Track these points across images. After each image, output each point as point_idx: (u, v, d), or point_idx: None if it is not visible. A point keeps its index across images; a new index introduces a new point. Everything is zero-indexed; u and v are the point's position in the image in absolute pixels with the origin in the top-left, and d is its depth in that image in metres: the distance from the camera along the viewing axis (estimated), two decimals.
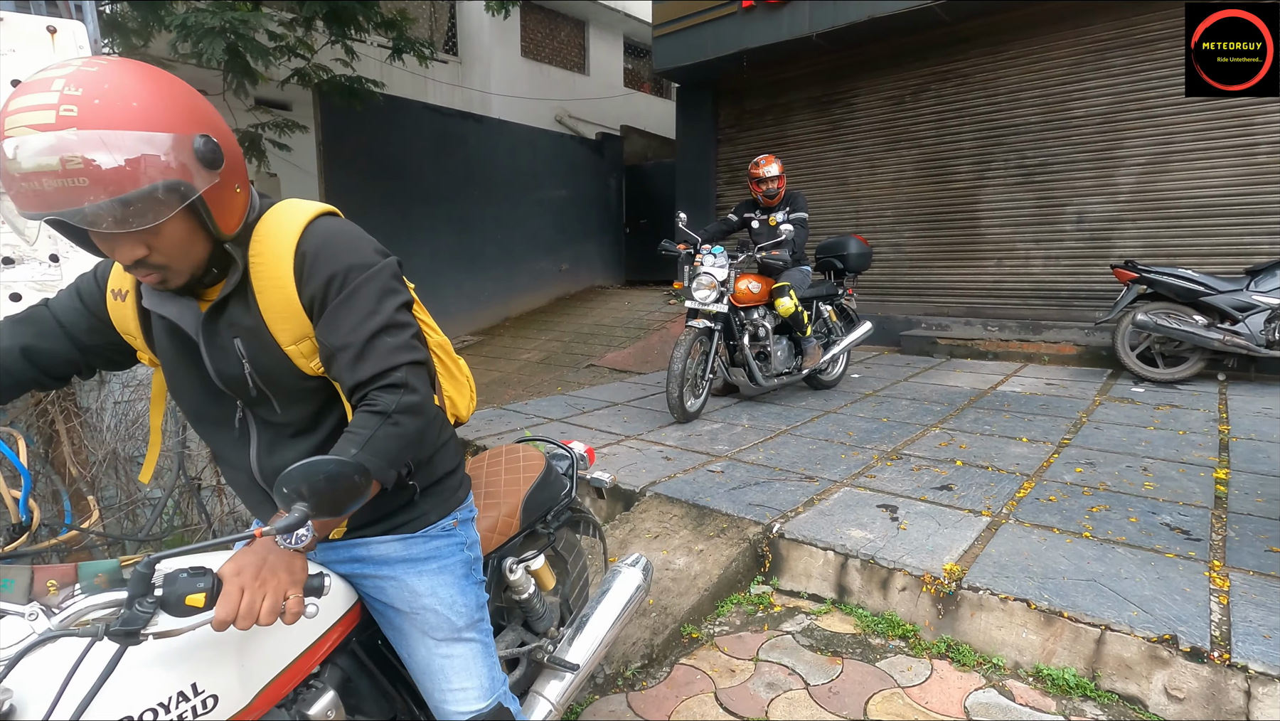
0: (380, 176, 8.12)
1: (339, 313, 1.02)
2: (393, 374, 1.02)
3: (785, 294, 4.70)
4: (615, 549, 2.87)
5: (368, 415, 1.01)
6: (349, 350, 1.01)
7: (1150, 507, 2.85)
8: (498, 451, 1.76)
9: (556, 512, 1.69)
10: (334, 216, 1.11)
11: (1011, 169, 6.80)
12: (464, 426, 4.35)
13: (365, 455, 0.96)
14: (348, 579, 1.23)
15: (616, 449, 3.94)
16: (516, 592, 1.55)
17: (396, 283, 1.09)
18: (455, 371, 1.33)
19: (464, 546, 1.29)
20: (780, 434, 4.15)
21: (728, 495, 3.12)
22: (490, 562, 1.49)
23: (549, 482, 1.67)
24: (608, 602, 1.81)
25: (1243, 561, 2.36)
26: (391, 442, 1.00)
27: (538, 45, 13.04)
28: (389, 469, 1.01)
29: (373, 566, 1.22)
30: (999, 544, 2.55)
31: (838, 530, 2.70)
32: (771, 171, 4.80)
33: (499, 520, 1.49)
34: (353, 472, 0.88)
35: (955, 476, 3.30)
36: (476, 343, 8.87)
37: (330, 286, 1.02)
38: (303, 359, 1.05)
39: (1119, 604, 2.10)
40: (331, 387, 1.09)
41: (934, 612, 2.31)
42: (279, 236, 1.03)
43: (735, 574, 2.65)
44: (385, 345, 1.02)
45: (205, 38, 4.57)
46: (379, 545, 1.21)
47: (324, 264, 1.02)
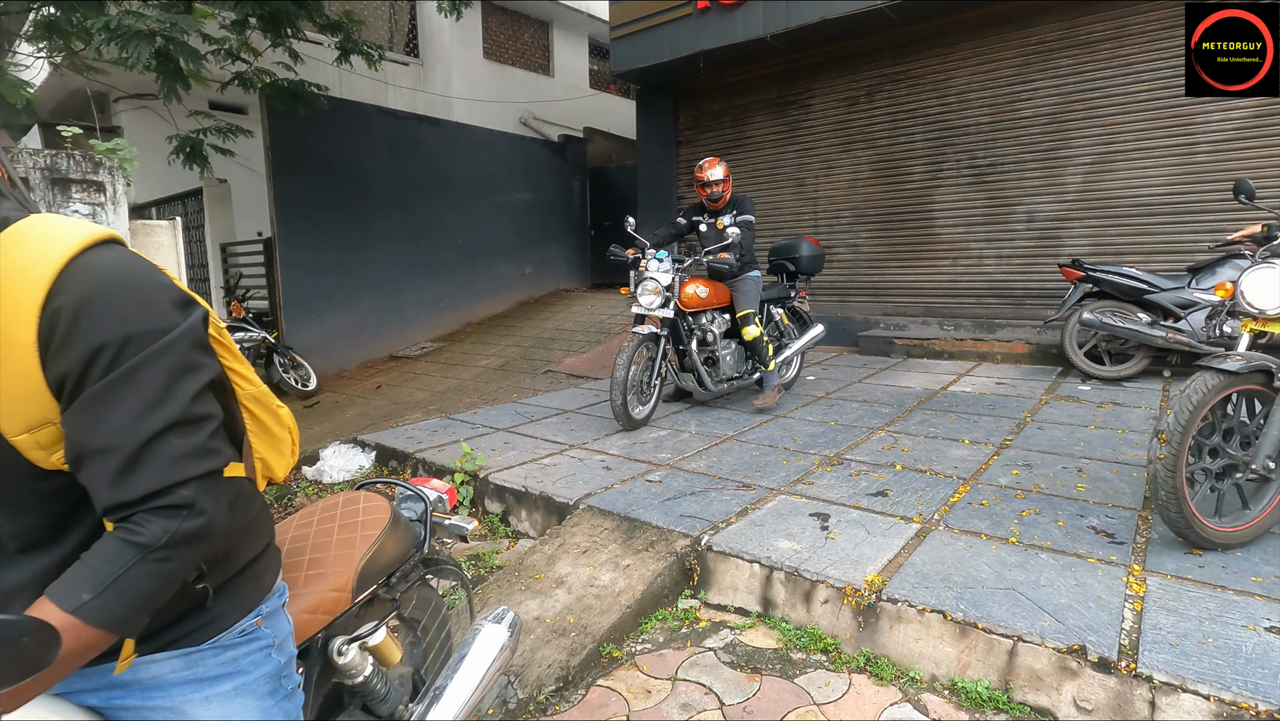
0: (333, 182, 7.96)
1: (105, 401, 0.72)
2: (175, 492, 0.75)
3: (751, 322, 4.69)
4: (543, 565, 2.80)
5: (122, 545, 0.73)
6: (113, 456, 0.73)
7: (1079, 510, 2.85)
8: (331, 503, 1.45)
9: (404, 573, 1.43)
10: (113, 248, 0.77)
11: (963, 169, 6.85)
12: (400, 438, 4.26)
13: (99, 603, 0.71)
14: (96, 712, 0.86)
15: (558, 459, 3.87)
16: (349, 677, 1.26)
17: (199, 353, 0.81)
18: (274, 426, 1.05)
19: (271, 650, 0.97)
20: (726, 440, 4.11)
21: (661, 506, 3.07)
22: (315, 646, 1.20)
23: (396, 538, 1.39)
24: (466, 670, 1.52)
25: (1162, 565, 2.35)
26: (147, 584, 0.74)
27: (500, 47, 12.93)
28: (136, 617, 0.75)
29: (138, 694, 0.87)
30: (925, 552, 2.53)
31: (766, 541, 2.66)
32: (715, 175, 4.74)
33: (323, 597, 1.18)
34: (23, 635, 0.62)
35: (893, 481, 3.28)
36: (436, 349, 8.74)
37: (95, 363, 0.72)
38: (39, 450, 0.75)
39: (1034, 613, 2.08)
40: (82, 487, 0.77)
41: (855, 625, 2.28)
42: (18, 278, 0.70)
43: (661, 589, 2.60)
44: (170, 452, 0.75)
45: (131, 41, 4.41)
46: (150, 665, 0.87)
47: (89, 328, 0.71)
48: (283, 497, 3.80)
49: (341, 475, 4.09)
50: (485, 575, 3.01)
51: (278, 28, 5.40)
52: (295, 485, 4.07)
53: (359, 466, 4.18)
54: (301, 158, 7.64)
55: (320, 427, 6.17)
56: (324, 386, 7.61)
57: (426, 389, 7.02)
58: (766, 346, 4.75)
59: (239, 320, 6.84)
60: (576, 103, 13.31)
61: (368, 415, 6.35)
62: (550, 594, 2.59)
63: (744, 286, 4.79)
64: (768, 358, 4.76)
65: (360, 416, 6.35)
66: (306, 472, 4.20)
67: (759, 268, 4.96)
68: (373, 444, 4.39)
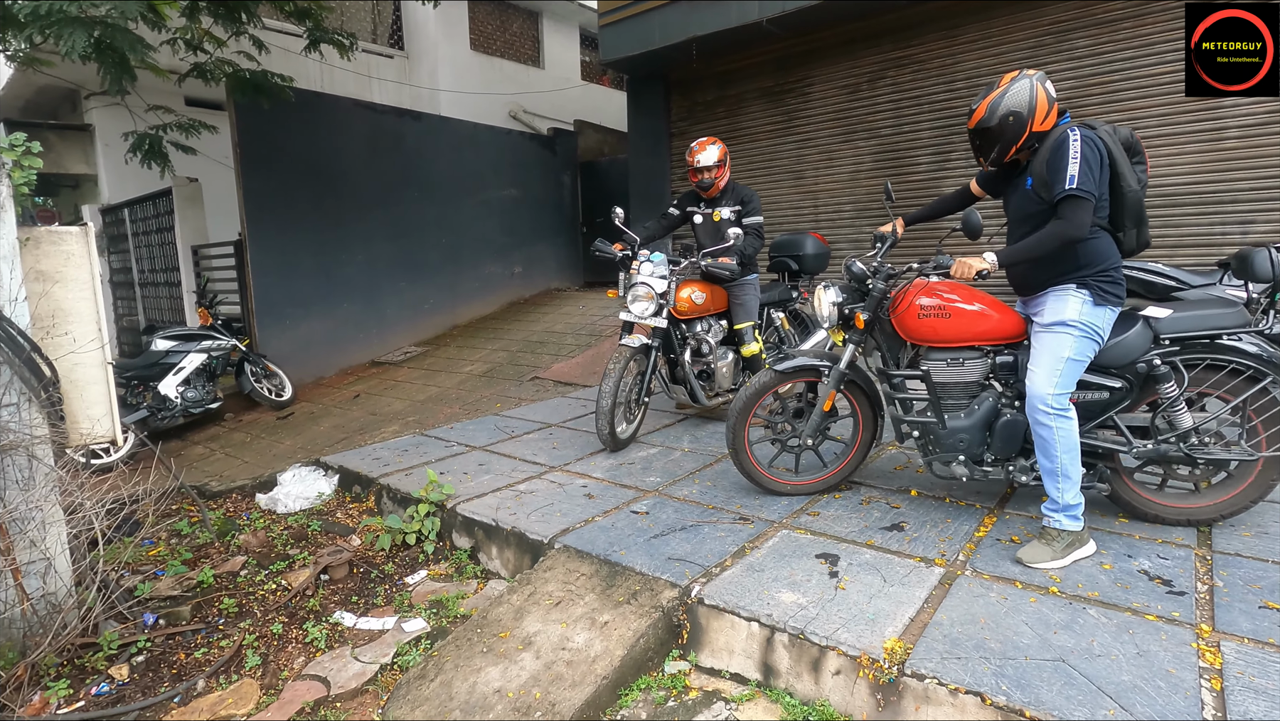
0: (308, 179, 7.55)
1: None
2: None
3: (750, 337, 4.33)
4: (509, 620, 2.43)
5: None
6: None
7: (1125, 549, 2.49)
8: None
9: None
10: None
11: (973, 159, 6.45)
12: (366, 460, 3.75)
13: None
14: None
15: (536, 484, 3.50)
16: None
17: None
18: None
19: None
20: (722, 459, 3.74)
21: (646, 546, 2.69)
22: None
23: None
24: None
25: (1235, 624, 1.99)
26: None
27: (488, 38, 12.50)
28: None
29: None
30: (952, 606, 2.16)
31: (766, 592, 2.29)
32: (708, 159, 4.18)
33: None
34: None
35: (908, 511, 2.91)
36: (420, 354, 8.36)
37: None
38: None
39: (1092, 696, 1.72)
40: None
41: (873, 703, 1.91)
42: None
43: (644, 652, 2.23)
44: None
45: (65, 29, 4.01)
46: None
47: None
48: (225, 534, 3.42)
49: (299, 504, 3.72)
50: (449, 625, 2.64)
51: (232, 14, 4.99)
52: (246, 516, 3.70)
53: (319, 494, 3.80)
54: (273, 154, 7.24)
55: (291, 442, 5.80)
56: (300, 396, 7.23)
57: (406, 398, 6.64)
58: (762, 360, 4.37)
59: (206, 328, 6.45)
60: (568, 95, 12.88)
61: (342, 428, 5.98)
62: (515, 659, 2.22)
63: (743, 295, 4.38)
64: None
65: (334, 429, 5.98)
66: (260, 501, 3.82)
67: (757, 270, 4.54)
68: (336, 466, 4.02)
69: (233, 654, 2.48)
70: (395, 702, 2.15)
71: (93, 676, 2.36)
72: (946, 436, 2.75)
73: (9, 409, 2.29)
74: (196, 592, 2.88)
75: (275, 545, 3.33)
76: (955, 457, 2.76)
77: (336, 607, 2.82)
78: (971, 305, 2.71)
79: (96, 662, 2.41)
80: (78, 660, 2.41)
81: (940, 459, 2.81)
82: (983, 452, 2.74)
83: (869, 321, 2.85)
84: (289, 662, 2.48)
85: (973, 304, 2.72)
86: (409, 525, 3.22)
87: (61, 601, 2.40)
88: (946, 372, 2.74)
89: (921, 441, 2.86)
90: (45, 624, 2.30)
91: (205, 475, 5.00)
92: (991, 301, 2.74)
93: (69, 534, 2.43)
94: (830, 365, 3.00)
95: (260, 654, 2.51)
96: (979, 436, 2.71)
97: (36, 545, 2.33)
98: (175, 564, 3.07)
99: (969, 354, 2.72)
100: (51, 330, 2.58)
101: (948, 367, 2.73)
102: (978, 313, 2.70)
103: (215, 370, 6.40)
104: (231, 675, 2.40)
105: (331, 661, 2.46)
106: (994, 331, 2.69)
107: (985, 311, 2.70)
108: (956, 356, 2.72)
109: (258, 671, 2.42)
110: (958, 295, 2.74)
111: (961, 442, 2.73)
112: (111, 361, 2.79)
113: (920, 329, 2.74)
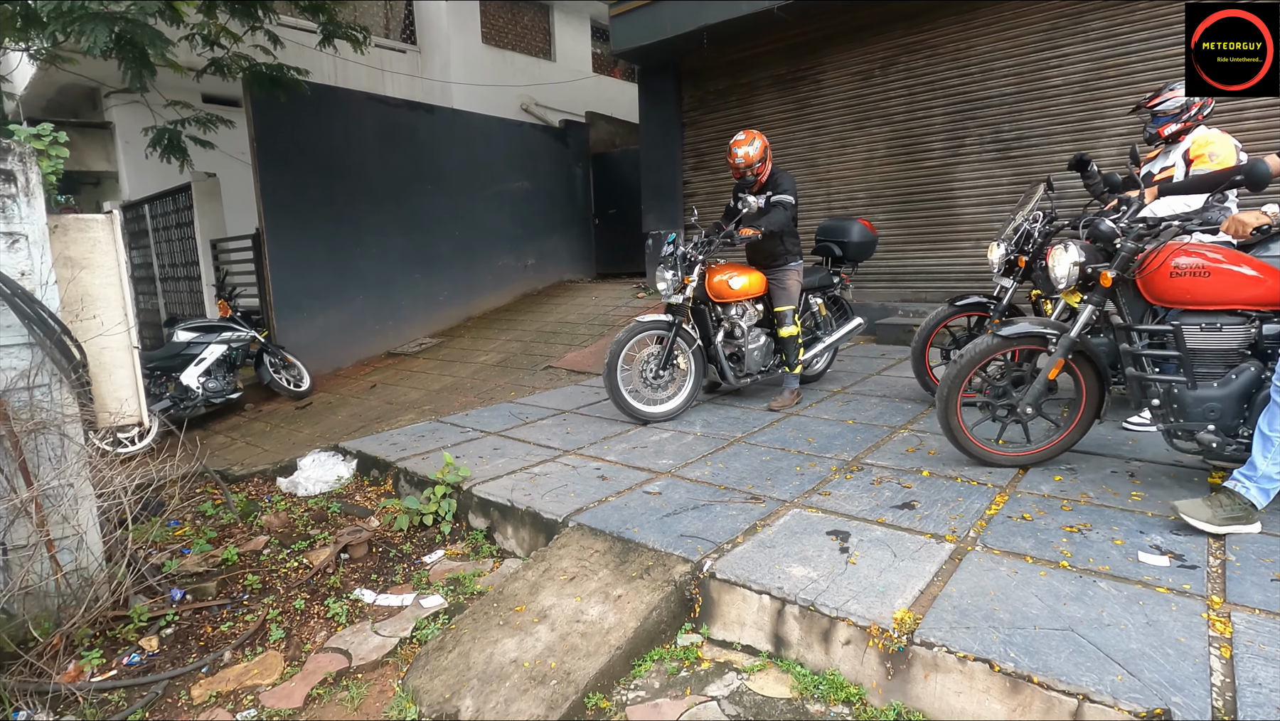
0: (321, 173, 7.64)
1: None
2: None
3: (788, 320, 4.38)
4: (525, 595, 2.48)
5: None
6: None
7: (1138, 525, 2.49)
8: None
9: None
10: None
11: (987, 144, 6.41)
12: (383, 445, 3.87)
13: None
14: None
15: (550, 466, 3.55)
16: None
17: None
18: None
19: None
20: (734, 442, 3.77)
21: (659, 524, 2.73)
22: None
23: None
24: None
25: (1247, 596, 1.99)
26: None
27: (500, 31, 12.54)
28: None
29: None
30: (962, 579, 2.18)
31: (777, 566, 2.32)
32: (745, 155, 4.23)
33: None
34: None
35: (920, 490, 2.93)
36: (435, 345, 8.45)
37: None
38: None
39: (1100, 663, 1.73)
40: None
41: (883, 672, 1.94)
42: None
43: (657, 624, 2.27)
44: None
45: (87, 25, 4.10)
46: None
47: None
48: (248, 515, 3.50)
49: (319, 487, 3.80)
50: (465, 601, 2.70)
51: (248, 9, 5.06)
52: (268, 499, 3.78)
53: (338, 477, 3.88)
54: (289, 148, 7.33)
55: (309, 431, 5.90)
56: (318, 386, 7.35)
57: (422, 387, 6.73)
58: (798, 348, 4.45)
59: (226, 320, 6.57)
60: (579, 87, 12.90)
61: (360, 416, 6.07)
62: (531, 630, 2.27)
63: (785, 279, 4.42)
64: (796, 360, 4.43)
65: (352, 418, 6.07)
66: (281, 485, 3.91)
67: (801, 256, 4.53)
68: (354, 451, 4.09)
69: (257, 627, 2.55)
70: (415, 672, 2.21)
71: (124, 647, 2.45)
72: (1194, 405, 2.54)
73: (41, 389, 2.37)
74: (221, 570, 2.96)
75: (296, 525, 3.41)
76: (1204, 427, 2.55)
77: (356, 585, 2.89)
78: (1238, 266, 2.44)
79: (127, 634, 2.49)
80: (109, 631, 2.50)
81: (1184, 428, 2.59)
82: (1238, 425, 2.52)
83: (1116, 280, 2.64)
84: (311, 636, 2.54)
85: (1240, 265, 2.45)
86: (426, 506, 3.28)
87: (93, 575, 2.48)
88: (1200, 338, 2.51)
89: (1162, 409, 2.65)
90: (78, 596, 2.38)
91: (227, 461, 5.10)
92: (1260, 265, 2.45)
93: (99, 509, 2.51)
94: (1058, 334, 2.84)
95: (284, 628, 2.58)
96: (1235, 407, 2.49)
97: (69, 520, 2.41)
98: (201, 542, 3.15)
99: (1229, 319, 2.48)
100: (80, 314, 2.65)
101: (1202, 332, 2.50)
102: (1244, 275, 2.44)
103: (235, 361, 6.52)
104: (256, 647, 2.47)
105: (352, 635, 2.53)
106: (1265, 296, 2.42)
107: (1253, 274, 2.43)
108: (1214, 321, 2.49)
109: (281, 644, 2.49)
110: (1221, 255, 2.49)
111: (1213, 412, 2.51)
112: (136, 346, 2.86)
113: (1171, 289, 2.52)
